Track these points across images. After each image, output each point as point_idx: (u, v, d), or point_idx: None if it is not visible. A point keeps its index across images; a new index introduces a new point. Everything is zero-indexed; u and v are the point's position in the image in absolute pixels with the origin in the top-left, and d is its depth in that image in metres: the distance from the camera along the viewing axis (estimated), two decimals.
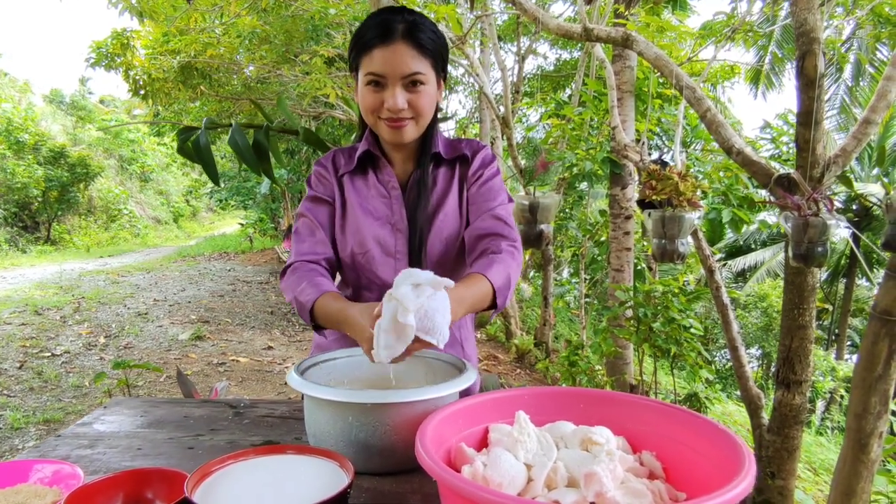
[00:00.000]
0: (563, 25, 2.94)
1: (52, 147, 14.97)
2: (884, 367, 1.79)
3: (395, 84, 1.12)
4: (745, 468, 0.69)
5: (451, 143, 1.31)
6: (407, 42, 1.11)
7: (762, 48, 8.34)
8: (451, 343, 1.33)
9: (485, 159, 1.28)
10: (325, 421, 0.95)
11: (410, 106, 1.15)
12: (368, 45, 1.12)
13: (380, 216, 1.25)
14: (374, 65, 1.12)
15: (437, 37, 1.16)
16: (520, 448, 0.82)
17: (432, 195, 1.26)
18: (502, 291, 1.10)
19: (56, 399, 4.34)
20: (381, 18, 1.13)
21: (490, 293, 1.08)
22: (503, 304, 1.12)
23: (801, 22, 2.44)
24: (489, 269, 1.10)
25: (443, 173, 1.28)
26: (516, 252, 1.19)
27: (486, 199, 1.25)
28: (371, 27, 1.13)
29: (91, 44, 7.03)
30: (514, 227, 1.26)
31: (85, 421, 1.22)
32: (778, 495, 2.96)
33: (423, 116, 1.17)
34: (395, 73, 1.11)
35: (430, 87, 1.16)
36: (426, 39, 1.13)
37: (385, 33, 1.11)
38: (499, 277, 1.10)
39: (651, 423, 0.90)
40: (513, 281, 1.14)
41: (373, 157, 1.28)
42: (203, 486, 0.76)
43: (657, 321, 2.98)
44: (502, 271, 1.11)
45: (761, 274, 14.20)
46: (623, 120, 3.88)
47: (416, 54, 1.12)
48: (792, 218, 1.79)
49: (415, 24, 1.13)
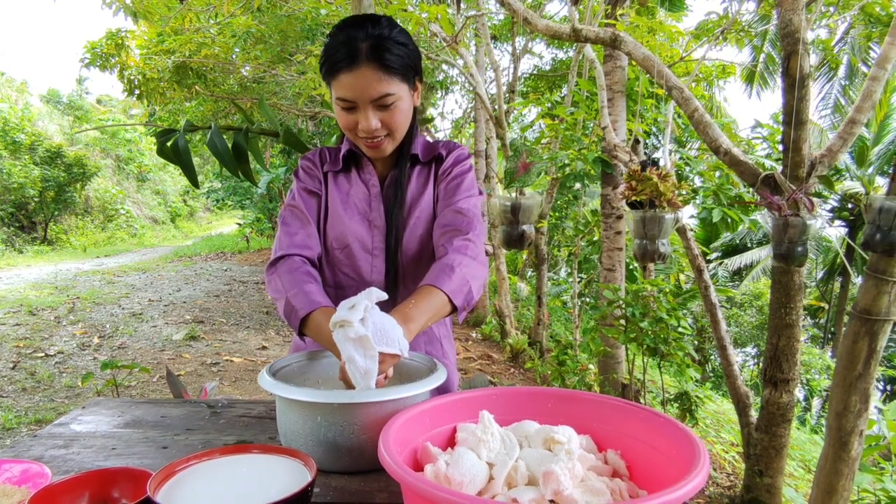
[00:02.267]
0: (551, 26, 2.95)
1: (49, 147, 14.95)
2: (864, 365, 1.80)
3: (366, 107, 1.12)
4: (698, 466, 0.70)
5: (430, 145, 1.32)
6: (372, 64, 1.08)
7: (757, 48, 8.36)
8: (430, 340, 1.35)
9: (457, 158, 1.29)
10: (295, 421, 0.96)
11: (384, 125, 1.15)
12: (335, 69, 1.10)
13: (360, 213, 1.27)
14: (343, 90, 1.11)
15: (404, 49, 1.13)
16: (483, 447, 0.83)
17: (408, 195, 1.27)
18: (457, 294, 1.10)
19: (48, 399, 4.34)
20: (344, 37, 1.10)
21: (445, 299, 1.09)
22: (465, 303, 1.13)
23: (786, 22, 2.45)
24: (438, 278, 1.11)
25: (418, 173, 1.30)
26: (471, 245, 1.18)
27: (451, 195, 1.26)
28: (336, 48, 1.10)
29: (86, 44, 7.03)
30: (476, 217, 1.25)
31: (62, 421, 1.23)
32: (766, 493, 2.97)
33: (398, 132, 1.18)
34: (364, 98, 1.11)
35: (403, 101, 1.15)
36: (392, 58, 1.10)
37: (350, 56, 1.08)
38: (449, 283, 1.10)
39: (615, 422, 0.91)
40: (470, 277, 1.14)
41: (355, 156, 1.30)
42: (166, 486, 0.77)
43: (645, 321, 2.99)
44: (451, 274, 1.11)
45: (757, 273, 14.23)
46: (614, 120, 3.89)
47: (383, 76, 1.10)
48: (773, 218, 1.80)
49: (379, 41, 1.09)
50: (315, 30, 6.01)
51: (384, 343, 0.93)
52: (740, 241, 15.53)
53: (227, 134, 1.62)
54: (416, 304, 1.06)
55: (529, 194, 1.84)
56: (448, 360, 1.37)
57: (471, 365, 6.12)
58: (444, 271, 1.12)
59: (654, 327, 2.98)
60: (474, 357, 6.45)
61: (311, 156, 1.33)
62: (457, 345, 6.65)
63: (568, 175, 4.24)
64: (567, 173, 4.28)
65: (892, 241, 1.63)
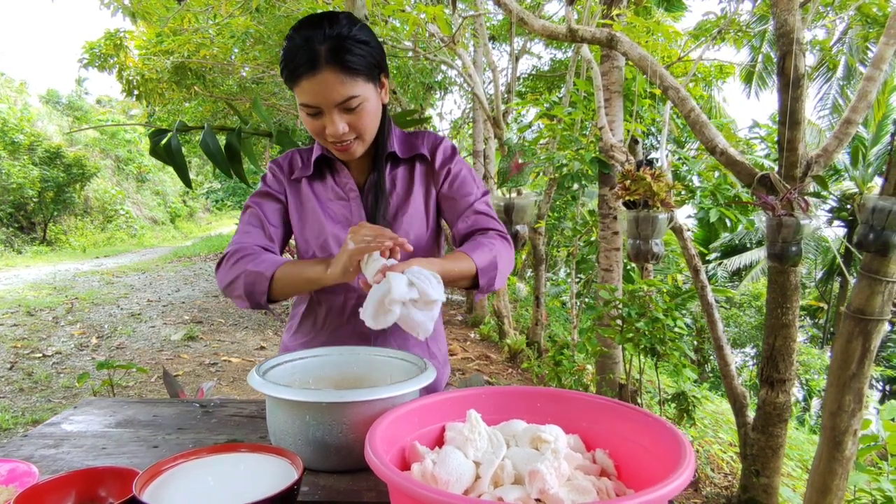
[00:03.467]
0: (547, 26, 2.95)
1: (48, 147, 14.96)
2: (857, 365, 1.80)
3: (331, 112, 1.09)
4: (683, 465, 0.70)
5: (407, 138, 1.29)
6: (333, 68, 1.04)
7: (755, 48, 8.36)
8: (416, 340, 1.34)
9: (446, 153, 1.28)
10: (284, 420, 0.96)
11: (352, 128, 1.12)
12: (295, 75, 1.06)
13: (339, 219, 1.26)
14: (306, 96, 1.08)
15: (366, 47, 1.08)
16: (470, 446, 0.83)
17: (392, 197, 1.26)
18: (486, 272, 1.13)
19: (46, 400, 4.34)
20: (302, 38, 1.05)
21: (472, 271, 1.11)
22: (487, 285, 1.15)
23: (781, 23, 2.46)
24: (474, 250, 1.13)
25: (402, 174, 1.28)
26: (506, 241, 1.21)
27: (462, 196, 1.26)
28: (294, 53, 1.06)
29: (84, 44, 7.03)
30: (496, 217, 1.28)
31: (53, 421, 1.23)
32: (763, 493, 2.97)
33: (367, 133, 1.16)
34: (329, 103, 1.07)
35: (370, 101, 1.12)
36: (354, 59, 1.06)
37: (310, 61, 1.04)
38: (482, 258, 1.13)
39: (604, 422, 0.91)
40: (500, 264, 1.16)
41: (329, 161, 1.27)
42: (153, 485, 0.77)
43: (641, 321, 2.99)
44: (486, 253, 1.14)
45: (756, 273, 14.23)
46: (611, 120, 3.89)
47: (346, 78, 1.06)
48: (767, 217, 1.80)
49: (339, 42, 1.05)
50: None
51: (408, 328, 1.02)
52: (739, 241, 15.52)
53: (220, 134, 1.62)
54: (450, 262, 1.09)
55: (525, 194, 1.84)
56: (435, 359, 1.37)
57: (469, 365, 6.12)
58: (482, 248, 1.14)
59: (650, 327, 2.98)
60: (472, 357, 6.45)
61: (281, 161, 1.31)
62: (455, 345, 6.64)
63: (565, 175, 4.24)
64: (564, 174, 4.28)
65: (886, 241, 1.63)
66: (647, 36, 3.60)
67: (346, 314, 1.29)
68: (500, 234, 1.22)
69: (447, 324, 8.28)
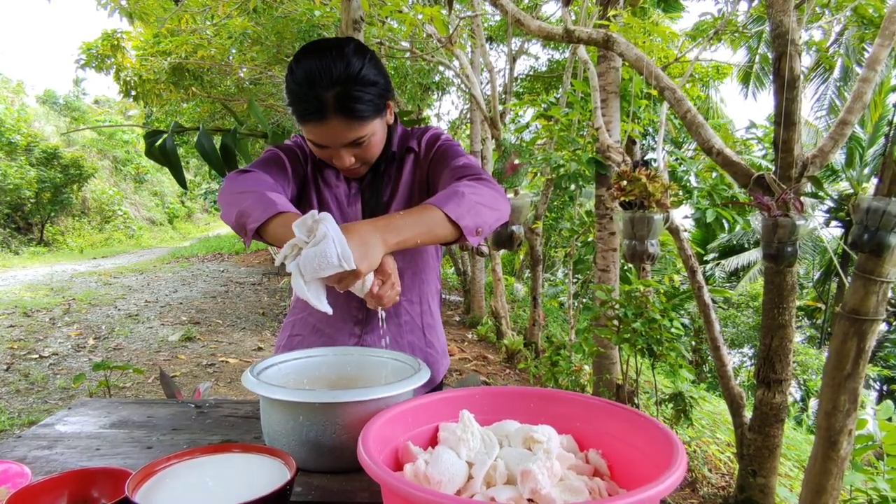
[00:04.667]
0: (544, 27, 2.96)
1: (45, 148, 14.94)
2: (853, 365, 1.80)
3: (338, 149, 1.11)
4: (674, 465, 0.70)
5: (404, 136, 1.31)
6: (341, 116, 1.05)
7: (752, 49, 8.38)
8: (411, 329, 1.34)
9: (430, 139, 1.29)
10: (278, 420, 0.96)
11: (358, 159, 1.15)
12: (303, 119, 1.07)
13: (339, 206, 1.28)
14: (314, 136, 1.09)
15: (374, 89, 1.07)
16: (462, 446, 0.83)
17: (387, 190, 1.28)
18: (463, 215, 1.01)
19: (42, 401, 4.33)
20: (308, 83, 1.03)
21: (442, 217, 1.00)
22: (474, 225, 1.03)
23: (776, 24, 2.46)
24: (438, 199, 1.03)
25: (395, 166, 1.30)
26: (481, 180, 1.11)
27: (442, 165, 1.22)
28: (301, 98, 1.05)
29: (81, 45, 7.02)
30: (478, 167, 1.20)
31: (47, 422, 1.23)
32: (759, 493, 2.98)
33: (373, 159, 1.20)
34: (336, 144, 1.10)
35: (377, 135, 1.14)
36: (361, 108, 1.05)
37: (318, 110, 1.04)
38: (448, 201, 1.02)
39: (596, 422, 0.91)
40: (482, 204, 1.05)
41: None
42: (145, 486, 0.77)
43: (638, 321, 3.00)
44: (456, 199, 1.02)
45: (754, 273, 14.24)
46: (608, 121, 3.90)
47: (354, 125, 1.07)
48: (762, 218, 1.80)
49: (347, 90, 1.03)
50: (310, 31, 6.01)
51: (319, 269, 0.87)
52: (737, 241, 15.54)
53: (215, 135, 1.62)
54: (404, 215, 0.99)
55: (521, 194, 1.84)
56: (433, 349, 1.37)
57: (466, 366, 6.12)
58: (449, 195, 1.03)
59: (646, 328, 2.99)
60: (470, 358, 6.45)
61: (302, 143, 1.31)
62: (452, 346, 6.64)
63: (562, 176, 4.24)
64: (561, 174, 4.29)
65: (880, 241, 1.64)
66: (643, 37, 3.60)
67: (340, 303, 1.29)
68: (474, 178, 1.11)
69: (444, 324, 8.27)
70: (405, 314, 1.33)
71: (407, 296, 1.33)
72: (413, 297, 1.34)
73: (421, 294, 1.35)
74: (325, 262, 0.86)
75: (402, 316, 1.33)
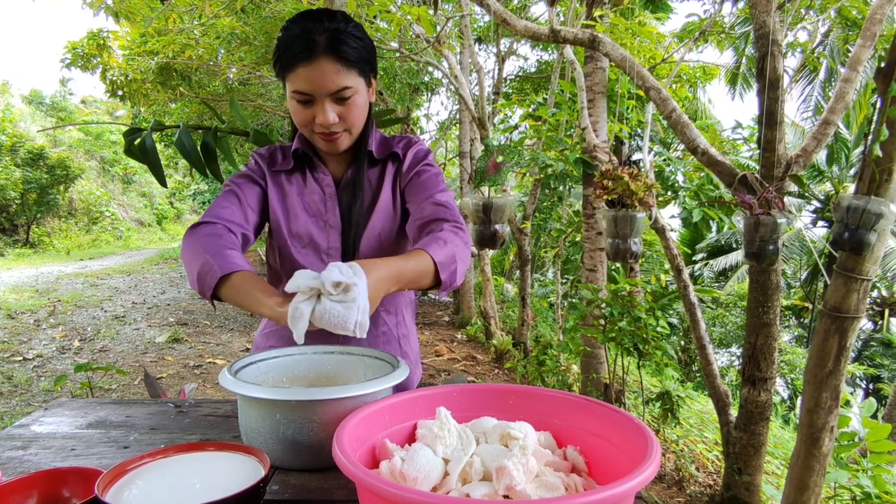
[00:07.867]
0: (530, 27, 2.96)
1: (31, 148, 14.78)
2: (834, 362, 1.82)
3: (323, 100, 1.11)
4: (648, 460, 0.70)
5: (385, 141, 1.31)
6: (330, 57, 1.08)
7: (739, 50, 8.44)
8: (388, 340, 1.34)
9: (418, 154, 1.29)
10: (255, 418, 0.95)
11: (342, 119, 1.14)
12: (292, 62, 1.09)
13: (314, 213, 1.27)
14: (300, 83, 1.09)
15: (361, 43, 1.12)
16: (439, 443, 0.83)
17: (366, 195, 1.27)
18: (445, 266, 1.07)
19: (25, 404, 4.28)
20: (301, 29, 1.09)
21: (431, 268, 1.05)
22: (449, 280, 1.09)
23: (759, 24, 2.49)
24: (430, 245, 1.08)
25: (374, 172, 1.29)
26: (461, 231, 1.16)
27: (424, 189, 1.24)
28: (292, 41, 1.09)
29: (66, 44, 6.96)
30: (456, 209, 1.23)
31: (22, 423, 1.21)
32: (745, 490, 3.00)
33: (355, 126, 1.18)
34: (322, 91, 1.10)
35: (360, 96, 1.15)
36: (350, 51, 1.09)
37: (307, 48, 1.07)
38: (440, 253, 1.07)
39: (574, 418, 0.91)
40: (458, 258, 1.11)
41: (307, 156, 1.29)
42: (116, 485, 0.76)
43: (624, 320, 3.01)
44: (443, 247, 1.09)
45: (742, 273, 14.34)
46: (595, 121, 3.91)
47: (341, 68, 1.09)
48: (744, 216, 1.82)
49: (337, 34, 1.08)
50: None
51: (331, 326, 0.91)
52: (725, 241, 15.65)
53: (196, 134, 1.60)
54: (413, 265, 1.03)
55: (505, 193, 1.84)
56: (407, 359, 1.37)
57: (455, 366, 6.12)
58: (437, 242, 1.09)
59: (632, 327, 3.00)
60: (458, 358, 6.45)
61: (264, 151, 1.32)
62: (441, 346, 6.64)
63: (550, 176, 4.25)
64: (549, 174, 4.30)
65: (860, 240, 1.65)
66: (630, 38, 3.62)
67: None
68: (455, 226, 1.17)
69: (434, 325, 8.27)
70: (383, 325, 1.34)
71: (385, 307, 1.33)
72: (390, 308, 1.35)
73: (397, 305, 1.36)
74: (341, 325, 0.90)
75: (381, 327, 1.33)
